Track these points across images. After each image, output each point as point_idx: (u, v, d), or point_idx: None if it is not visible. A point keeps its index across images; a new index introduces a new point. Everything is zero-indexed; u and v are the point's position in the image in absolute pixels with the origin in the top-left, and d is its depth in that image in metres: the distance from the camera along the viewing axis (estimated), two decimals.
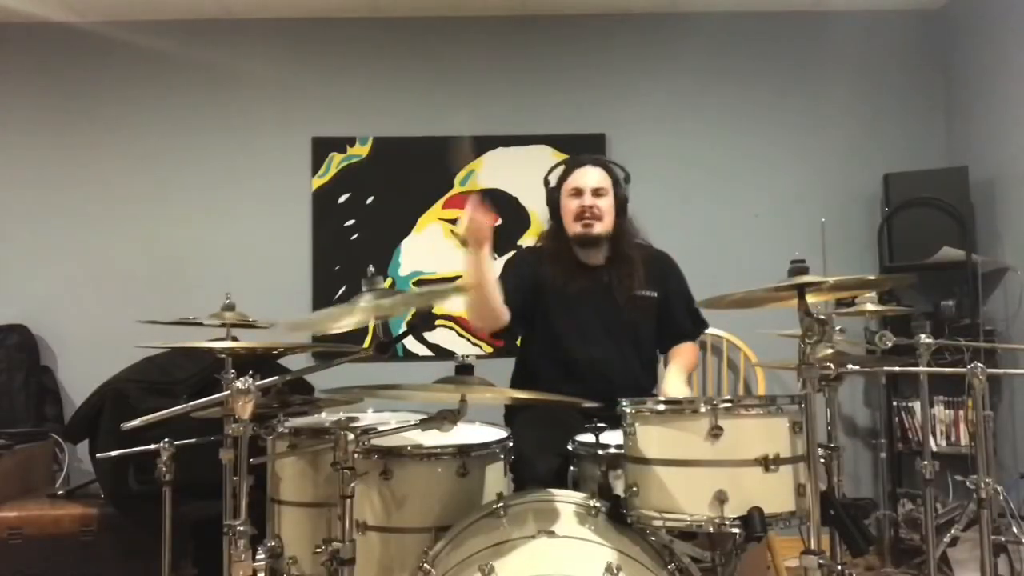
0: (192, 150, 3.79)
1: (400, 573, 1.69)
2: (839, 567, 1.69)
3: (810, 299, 1.50)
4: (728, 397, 1.55)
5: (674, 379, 2.28)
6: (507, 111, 3.84)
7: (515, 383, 2.41)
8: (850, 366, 2.37)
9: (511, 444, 1.91)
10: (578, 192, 2.34)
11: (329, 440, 1.47)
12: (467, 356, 1.67)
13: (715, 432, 1.44)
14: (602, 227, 2.33)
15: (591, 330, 2.34)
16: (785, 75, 3.88)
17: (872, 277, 1.71)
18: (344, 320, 1.60)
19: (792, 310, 1.50)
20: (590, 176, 2.36)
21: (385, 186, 3.79)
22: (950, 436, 3.43)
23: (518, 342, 2.52)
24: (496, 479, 1.83)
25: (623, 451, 1.60)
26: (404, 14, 3.86)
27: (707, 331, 3.35)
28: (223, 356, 2.21)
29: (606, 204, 2.34)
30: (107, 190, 3.76)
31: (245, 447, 1.65)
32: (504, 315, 2.24)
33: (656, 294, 2.39)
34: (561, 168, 2.47)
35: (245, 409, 1.37)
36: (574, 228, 2.34)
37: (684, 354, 2.43)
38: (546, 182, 2.47)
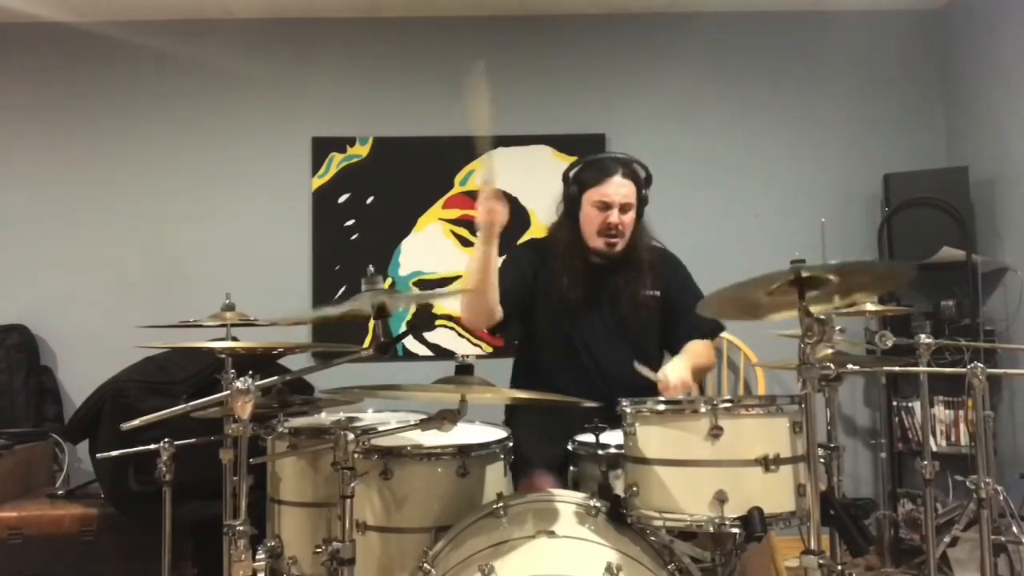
0: (192, 150, 3.79)
1: (400, 573, 1.69)
2: (839, 567, 1.69)
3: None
4: (728, 397, 1.55)
5: (676, 361, 2.17)
6: (507, 111, 3.84)
7: (515, 383, 2.40)
8: (850, 366, 2.37)
9: (511, 444, 1.90)
10: (606, 206, 2.25)
11: (329, 440, 1.47)
12: (467, 356, 1.67)
13: (715, 432, 1.44)
14: (623, 243, 2.29)
15: (595, 333, 2.31)
16: (785, 75, 3.88)
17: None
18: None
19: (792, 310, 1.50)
20: (620, 190, 2.25)
21: (385, 186, 3.79)
22: (950, 436, 3.43)
23: (516, 341, 2.51)
24: (496, 479, 1.83)
25: (623, 451, 1.60)
26: (404, 14, 3.86)
27: None
28: (223, 356, 2.22)
29: (630, 219, 2.28)
30: (107, 190, 3.76)
31: (245, 447, 1.65)
32: (496, 313, 2.20)
33: (658, 293, 2.35)
34: (587, 169, 2.31)
35: (245, 409, 1.37)
36: (595, 241, 2.28)
37: (694, 349, 2.33)
38: (566, 178, 2.35)
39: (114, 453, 2.29)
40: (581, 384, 2.16)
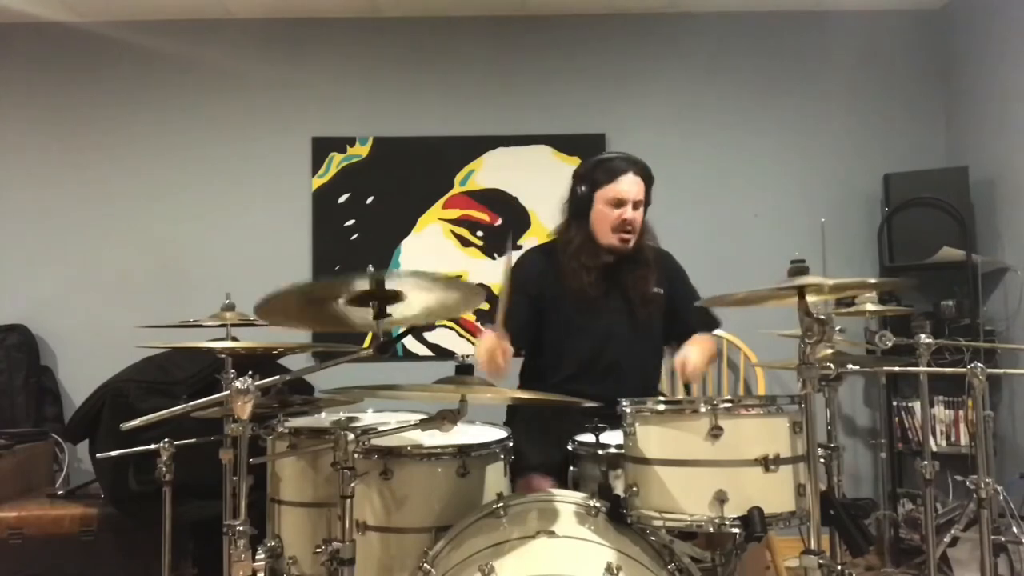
0: (192, 150, 3.79)
1: (400, 573, 1.69)
2: (839, 567, 1.69)
3: (810, 299, 1.49)
4: (728, 397, 1.55)
5: (694, 348, 2.23)
6: (507, 111, 3.84)
7: (524, 381, 2.39)
8: (850, 366, 2.38)
9: (511, 444, 1.90)
10: (620, 203, 2.27)
11: (329, 440, 1.47)
12: (467, 356, 1.67)
13: (715, 432, 1.44)
14: (635, 240, 2.31)
15: (607, 330, 2.32)
16: (785, 75, 3.88)
17: (872, 280, 1.71)
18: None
19: (792, 310, 1.50)
20: (633, 188, 2.28)
21: (385, 186, 3.79)
22: (950, 436, 3.42)
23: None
24: (496, 479, 1.83)
25: (623, 451, 1.60)
26: (404, 14, 3.86)
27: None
28: (223, 356, 2.22)
29: (640, 216, 2.31)
30: (107, 190, 3.76)
31: (245, 447, 1.65)
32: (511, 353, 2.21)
33: (662, 291, 2.38)
34: (599, 168, 2.33)
35: (245, 409, 1.37)
36: (609, 238, 2.28)
37: (704, 341, 2.36)
38: (576, 178, 2.35)
39: (114, 453, 2.29)
40: (594, 384, 2.16)
